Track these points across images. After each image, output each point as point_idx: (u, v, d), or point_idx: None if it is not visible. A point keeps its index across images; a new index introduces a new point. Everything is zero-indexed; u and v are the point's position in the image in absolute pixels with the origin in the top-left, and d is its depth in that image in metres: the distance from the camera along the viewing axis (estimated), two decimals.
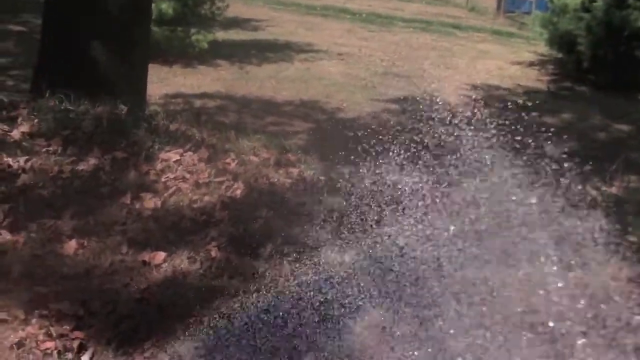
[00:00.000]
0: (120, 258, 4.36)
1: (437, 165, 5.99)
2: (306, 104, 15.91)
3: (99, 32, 8.07)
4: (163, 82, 16.11)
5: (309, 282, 4.16)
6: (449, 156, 5.11)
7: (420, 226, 4.72)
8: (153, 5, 17.03)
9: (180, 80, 17.25)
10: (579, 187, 4.19)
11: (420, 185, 5.48)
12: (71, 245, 4.45)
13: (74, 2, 8.13)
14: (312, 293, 4.02)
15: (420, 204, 5.01)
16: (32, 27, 19.24)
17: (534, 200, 4.06)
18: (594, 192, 4.49)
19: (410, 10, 32.97)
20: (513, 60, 22.82)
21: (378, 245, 4.49)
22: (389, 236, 4.50)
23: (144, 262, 4.33)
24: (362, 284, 3.99)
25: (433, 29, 27.70)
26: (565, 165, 4.49)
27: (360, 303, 3.92)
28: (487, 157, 5.03)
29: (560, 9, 22.03)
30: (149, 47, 9.23)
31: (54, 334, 3.66)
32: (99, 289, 4.06)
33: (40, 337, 3.62)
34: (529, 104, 5.51)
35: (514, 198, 4.16)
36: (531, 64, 22.51)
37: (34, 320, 3.73)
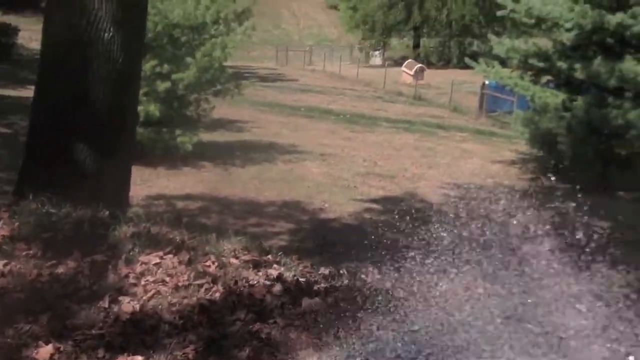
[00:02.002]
0: None
1: (417, 265, 6.02)
2: (288, 205, 15.99)
3: (85, 136, 8.16)
4: (146, 183, 16.20)
5: None
6: (427, 257, 5.15)
7: (395, 326, 4.74)
8: (140, 107, 17.29)
9: (164, 181, 17.35)
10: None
11: (401, 286, 5.51)
12: (47, 349, 4.42)
13: (60, 106, 8.22)
14: None
15: (398, 304, 5.03)
16: (18, 129, 19.43)
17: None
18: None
19: (394, 110, 33.42)
20: (495, 159, 23.06)
21: (357, 350, 4.49)
22: (368, 339, 4.51)
23: None
24: None
25: (416, 129, 28.04)
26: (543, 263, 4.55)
27: None
28: (464, 256, 5.08)
29: (541, 108, 22.39)
30: (133, 150, 9.31)
31: None
32: None
33: None
34: (510, 203, 5.54)
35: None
36: (512, 163, 22.76)
37: None
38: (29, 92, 22.80)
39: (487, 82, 32.18)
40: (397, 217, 15.09)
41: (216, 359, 4.41)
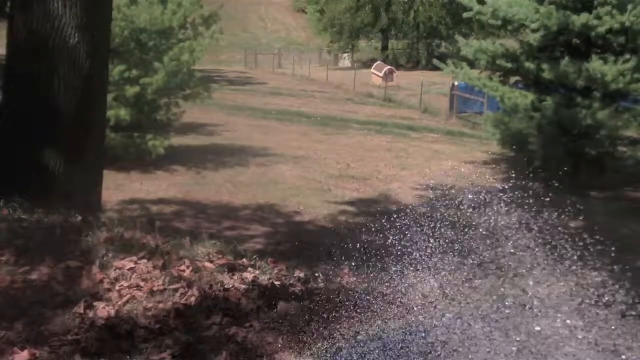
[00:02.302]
0: None
1: (391, 266, 6.04)
2: (263, 208, 15.98)
3: (53, 140, 8.11)
4: (119, 188, 16.13)
5: None
6: (401, 256, 5.17)
7: (370, 327, 4.76)
8: (111, 111, 17.23)
9: (137, 186, 17.29)
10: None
11: (375, 288, 5.52)
12: (23, 356, 4.39)
13: (28, 111, 8.17)
14: None
15: (373, 306, 5.05)
16: None
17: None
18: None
19: (365, 112, 33.48)
20: (467, 160, 23.16)
21: (333, 352, 4.50)
22: (344, 341, 4.52)
23: None
24: None
25: (387, 131, 28.11)
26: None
27: None
28: (439, 254, 5.11)
29: (510, 109, 22.50)
30: (103, 154, 9.27)
31: None
32: None
33: None
34: (483, 203, 5.59)
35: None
36: (484, 163, 22.87)
37: None
38: None
39: (456, 83, 32.32)
40: (371, 218, 15.20)
41: None
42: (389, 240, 5.17)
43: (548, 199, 5.08)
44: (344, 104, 37.03)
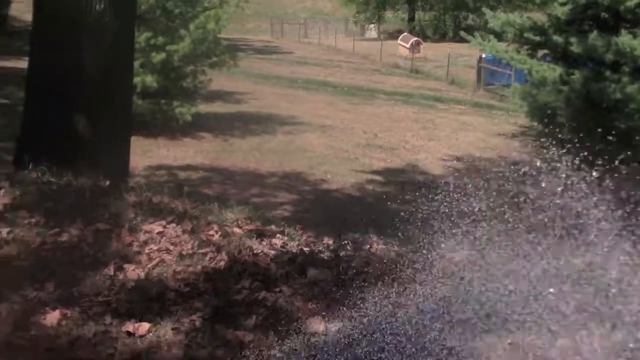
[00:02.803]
0: (104, 329, 4.32)
1: (420, 235, 5.99)
2: (290, 176, 15.97)
3: (81, 105, 8.12)
4: (146, 154, 16.16)
5: (294, 353, 4.13)
6: (429, 227, 5.13)
7: (400, 295, 4.74)
8: (137, 78, 17.23)
9: (164, 152, 17.32)
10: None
11: (405, 256, 5.50)
12: (54, 315, 4.41)
13: (55, 75, 8.17)
14: None
15: (402, 274, 5.03)
16: (15, 100, 19.33)
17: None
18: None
19: (391, 83, 33.34)
20: (494, 132, 23.03)
21: (361, 317, 4.48)
22: (374, 308, 4.50)
23: (128, 333, 4.29)
24: (351, 353, 3.97)
25: (414, 102, 27.98)
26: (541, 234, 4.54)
27: None
28: (466, 227, 5.07)
29: (538, 82, 22.30)
30: (131, 120, 9.27)
31: None
32: None
33: None
34: (511, 174, 5.53)
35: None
36: (512, 135, 22.73)
37: None
38: (24, 63, 22.74)
39: (484, 56, 32.09)
40: (398, 188, 15.18)
41: (222, 327, 4.40)
42: (416, 210, 5.12)
43: (576, 172, 5.02)
44: (370, 74, 36.88)
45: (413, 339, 4.08)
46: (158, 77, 19.71)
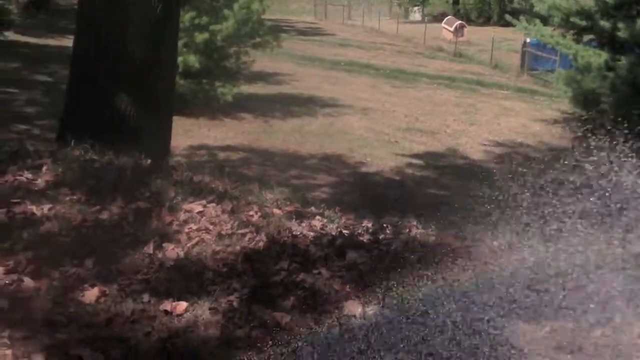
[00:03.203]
0: (142, 307, 4.34)
1: (460, 220, 5.96)
2: (329, 158, 15.95)
3: (124, 84, 8.15)
4: (187, 134, 16.21)
5: (331, 335, 4.13)
6: (469, 212, 5.10)
7: (440, 280, 4.71)
8: (180, 58, 17.28)
9: (205, 132, 17.36)
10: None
11: (444, 241, 5.48)
12: (93, 292, 4.44)
13: (100, 55, 8.21)
14: (333, 346, 3.99)
15: (442, 258, 5.00)
16: (59, 78, 19.51)
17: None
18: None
19: (434, 67, 33.15)
20: (536, 118, 22.83)
21: (399, 301, 4.46)
22: (413, 292, 4.48)
23: (166, 312, 4.31)
24: (388, 336, 3.96)
25: (456, 86, 27.81)
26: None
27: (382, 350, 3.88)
28: (507, 209, 5.03)
29: (583, 67, 22.05)
30: (173, 99, 9.29)
31: None
32: (120, 337, 4.04)
33: None
34: (553, 161, 5.49)
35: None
36: (555, 122, 22.52)
37: None
38: (68, 41, 22.87)
39: (528, 40, 31.78)
40: (438, 172, 15.09)
41: (260, 307, 4.40)
42: (456, 194, 5.07)
43: (620, 161, 4.95)
44: (413, 57, 36.70)
45: (451, 325, 4.05)
46: (201, 57, 19.74)
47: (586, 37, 23.66)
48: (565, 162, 5.19)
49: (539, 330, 4.12)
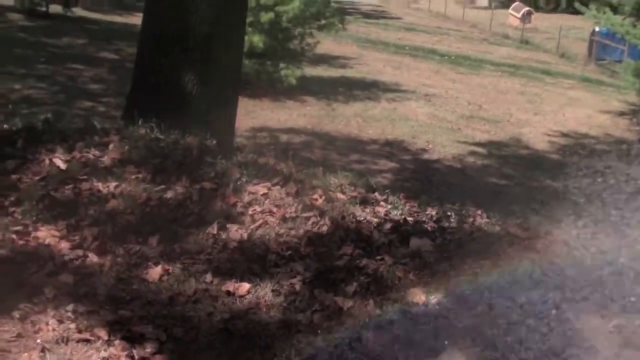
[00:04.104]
0: (205, 287, 4.36)
1: (524, 210, 5.88)
2: (392, 144, 15.88)
3: (191, 64, 8.18)
4: (250, 115, 16.24)
5: (392, 321, 4.11)
6: (532, 202, 5.04)
7: (505, 269, 4.67)
8: (245, 37, 17.31)
9: (267, 114, 17.39)
10: None
11: (509, 230, 5.42)
12: (156, 271, 4.47)
13: (167, 34, 8.24)
14: (394, 333, 3.97)
15: (507, 248, 4.95)
16: (125, 55, 19.69)
17: None
18: None
19: (500, 54, 32.81)
20: (603, 109, 22.49)
21: (463, 290, 4.44)
22: (477, 282, 4.46)
23: (228, 292, 4.33)
24: (451, 325, 3.94)
25: (522, 74, 27.50)
26: None
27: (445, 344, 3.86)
28: (571, 204, 4.96)
29: None
30: (240, 81, 9.30)
31: (136, 357, 3.65)
32: (182, 316, 4.06)
33: (123, 359, 3.62)
34: (618, 154, 5.41)
35: None
36: (621, 114, 22.17)
37: (116, 342, 3.73)
38: (135, 18, 23.10)
39: (597, 29, 31.28)
40: (501, 161, 14.93)
41: (322, 292, 4.40)
42: (519, 184, 5.02)
43: None
44: (478, 43, 36.34)
45: (514, 317, 4.01)
46: (265, 38, 19.74)
47: None
48: (631, 155, 5.11)
49: (605, 324, 4.06)
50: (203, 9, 8.16)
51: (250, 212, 5.33)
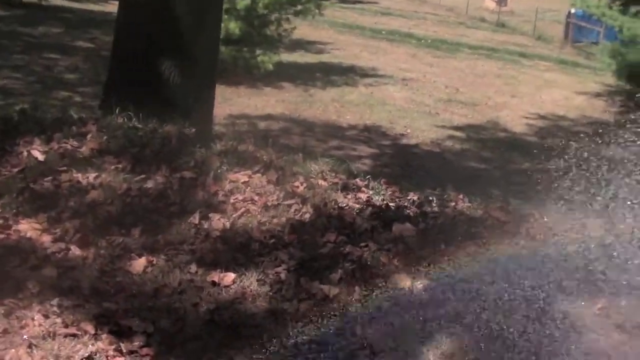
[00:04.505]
0: (189, 277, 4.34)
1: (503, 192, 5.88)
2: (370, 129, 15.86)
3: (168, 52, 8.13)
4: (227, 102, 16.17)
5: (378, 307, 4.11)
6: (511, 185, 5.04)
7: (486, 253, 4.69)
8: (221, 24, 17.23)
9: (245, 100, 17.32)
10: None
11: (489, 214, 5.42)
12: (140, 262, 4.44)
13: (143, 23, 8.19)
14: (380, 319, 3.97)
15: (488, 232, 4.97)
16: (100, 44, 19.54)
17: None
18: None
19: (476, 37, 32.85)
20: (579, 91, 22.55)
21: (447, 275, 4.45)
22: (460, 266, 4.46)
23: (213, 283, 4.31)
24: (436, 310, 3.94)
25: (498, 57, 27.54)
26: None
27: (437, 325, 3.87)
28: (548, 185, 4.97)
29: (629, 39, 21.74)
30: (216, 68, 9.26)
31: (124, 350, 3.63)
32: (168, 308, 4.03)
33: (110, 353, 3.60)
34: (595, 135, 5.43)
35: None
36: (598, 95, 22.24)
37: (104, 336, 3.71)
38: (111, 6, 22.92)
39: (573, 11, 31.38)
40: (479, 145, 14.95)
41: (307, 280, 4.39)
42: (498, 168, 5.02)
43: None
44: (455, 27, 36.35)
45: (497, 301, 4.02)
46: (242, 24, 19.64)
47: (634, 9, 23.27)
48: (608, 136, 5.12)
49: (590, 306, 4.07)
50: None
51: (231, 201, 5.31)
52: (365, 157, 13.30)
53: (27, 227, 4.75)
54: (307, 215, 5.14)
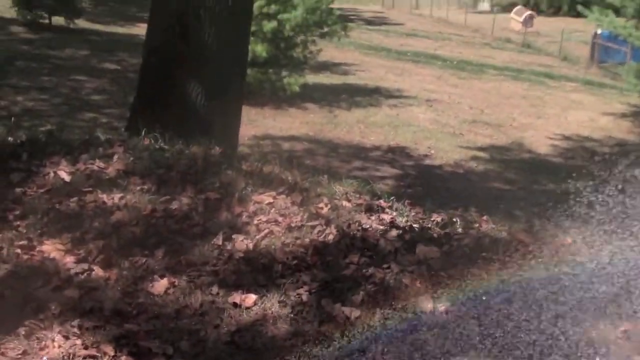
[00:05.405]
0: (211, 299, 4.34)
1: (528, 215, 5.83)
2: (394, 150, 15.87)
3: (195, 75, 8.19)
4: (252, 123, 16.23)
5: (400, 330, 4.09)
6: (536, 207, 5.01)
7: (513, 275, 4.65)
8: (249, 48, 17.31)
9: (270, 122, 17.37)
10: None
11: (515, 235, 5.40)
12: (162, 283, 4.45)
13: (172, 43, 8.25)
14: (405, 341, 3.95)
15: (514, 253, 4.94)
16: (126, 66, 19.69)
17: None
18: None
19: (502, 58, 32.81)
20: (605, 111, 22.47)
21: (470, 298, 4.41)
22: (485, 288, 4.43)
23: (235, 304, 4.30)
24: (460, 333, 3.91)
25: (524, 78, 27.49)
26: None
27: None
28: (576, 208, 4.93)
29: None
30: (243, 90, 9.31)
31: None
32: (188, 329, 4.04)
33: None
34: (620, 156, 5.38)
35: None
36: (623, 115, 22.15)
37: (123, 358, 3.71)
38: (137, 29, 23.13)
39: (599, 32, 31.29)
40: (504, 166, 14.94)
41: (329, 302, 4.37)
42: (523, 189, 4.99)
43: None
44: (480, 48, 36.36)
45: (524, 322, 3.99)
46: (268, 46, 19.75)
47: None
48: (633, 156, 5.08)
49: (614, 329, 4.03)
50: (207, 20, 8.16)
51: (255, 222, 5.31)
52: (389, 178, 13.30)
53: (51, 248, 4.77)
54: (331, 237, 5.12)
